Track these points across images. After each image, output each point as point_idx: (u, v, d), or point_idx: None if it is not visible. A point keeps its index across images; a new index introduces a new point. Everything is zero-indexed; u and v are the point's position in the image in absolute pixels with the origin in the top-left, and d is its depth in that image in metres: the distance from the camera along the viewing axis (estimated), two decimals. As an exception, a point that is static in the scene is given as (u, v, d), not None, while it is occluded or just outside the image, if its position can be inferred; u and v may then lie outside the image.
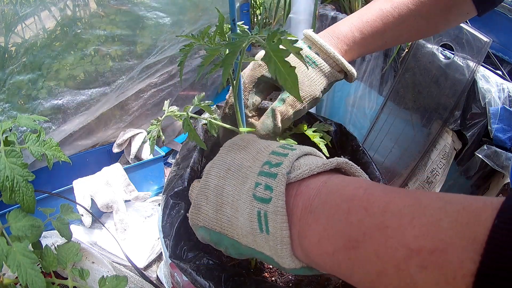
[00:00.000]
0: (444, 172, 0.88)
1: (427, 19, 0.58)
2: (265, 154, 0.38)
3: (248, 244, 0.37)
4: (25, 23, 0.95)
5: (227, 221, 0.38)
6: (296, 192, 0.35)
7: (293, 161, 0.36)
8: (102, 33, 0.97)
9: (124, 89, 1.05)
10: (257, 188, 0.35)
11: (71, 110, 0.98)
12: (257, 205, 0.35)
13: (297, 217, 0.34)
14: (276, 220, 0.33)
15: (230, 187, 0.38)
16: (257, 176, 0.36)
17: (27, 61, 0.91)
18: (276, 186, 0.34)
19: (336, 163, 0.36)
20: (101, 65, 0.99)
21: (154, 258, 0.90)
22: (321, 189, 0.33)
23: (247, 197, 0.36)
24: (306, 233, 0.33)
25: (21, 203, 0.45)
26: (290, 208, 0.34)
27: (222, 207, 0.39)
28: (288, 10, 1.11)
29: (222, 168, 0.40)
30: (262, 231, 0.35)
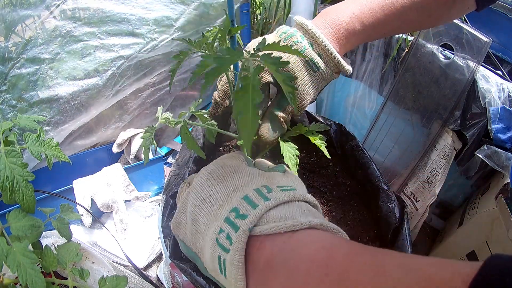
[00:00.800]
0: (444, 172, 0.88)
1: (430, 11, 0.56)
2: (238, 196, 0.37)
3: (213, 275, 0.38)
4: (25, 23, 0.96)
5: (200, 248, 0.39)
6: (259, 246, 0.34)
7: (262, 215, 0.35)
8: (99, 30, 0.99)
9: (121, 85, 1.05)
10: (220, 234, 0.35)
11: (66, 101, 0.99)
12: (218, 250, 0.35)
13: (259, 270, 0.33)
14: (231, 271, 0.34)
15: (203, 219, 0.38)
16: (223, 222, 0.36)
17: (27, 57, 0.93)
18: (235, 241, 0.34)
19: (308, 226, 0.34)
20: (96, 60, 1.00)
21: (154, 258, 0.90)
22: (285, 246, 0.33)
23: (212, 239, 0.36)
24: None
25: (21, 203, 0.45)
26: (252, 260, 0.34)
27: (196, 234, 0.39)
28: (288, 10, 1.11)
29: (199, 198, 0.39)
30: (222, 273, 0.35)
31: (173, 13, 1.04)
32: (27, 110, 0.95)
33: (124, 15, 1.00)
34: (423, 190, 0.93)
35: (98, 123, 1.12)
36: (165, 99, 1.21)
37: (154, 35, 1.03)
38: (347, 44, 0.56)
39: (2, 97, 0.92)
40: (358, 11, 0.55)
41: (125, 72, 1.03)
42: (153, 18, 1.02)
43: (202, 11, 1.11)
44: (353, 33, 0.55)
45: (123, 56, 1.01)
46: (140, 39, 1.02)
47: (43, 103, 0.96)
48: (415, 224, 0.94)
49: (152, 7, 1.02)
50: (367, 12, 0.55)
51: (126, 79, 1.05)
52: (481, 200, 0.85)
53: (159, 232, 0.54)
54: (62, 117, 1.00)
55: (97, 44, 0.99)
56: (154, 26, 1.03)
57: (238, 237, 0.34)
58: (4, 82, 0.92)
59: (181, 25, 1.06)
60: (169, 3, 1.04)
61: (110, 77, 1.02)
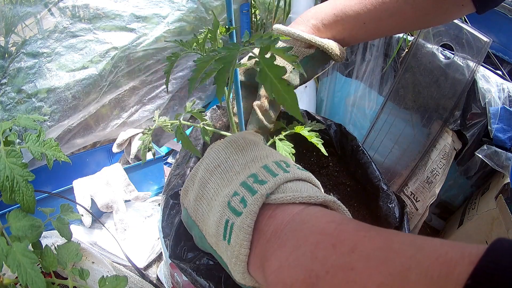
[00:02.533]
0: (444, 172, 0.88)
1: (413, 5, 0.55)
2: (257, 165, 0.37)
3: (211, 244, 0.37)
4: (25, 23, 0.97)
5: (201, 214, 0.38)
6: (271, 214, 0.34)
7: (280, 184, 0.35)
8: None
9: (114, 76, 1.07)
10: (234, 197, 0.35)
11: (63, 91, 1.01)
12: (228, 213, 0.34)
13: (266, 239, 0.33)
14: (238, 235, 0.33)
15: (213, 185, 0.38)
16: (239, 186, 0.35)
17: (26, 52, 0.97)
18: (251, 204, 0.33)
19: (322, 200, 0.34)
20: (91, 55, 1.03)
21: (154, 258, 0.90)
22: (296, 216, 0.32)
23: (223, 202, 0.35)
24: (270, 257, 0.31)
25: (21, 203, 0.45)
26: (261, 228, 0.33)
27: (201, 199, 0.38)
28: (288, 10, 1.11)
29: (213, 163, 0.39)
30: (225, 239, 0.34)
31: (162, 11, 1.11)
32: (26, 101, 0.96)
33: (117, 11, 1.06)
34: (423, 190, 0.93)
35: (97, 120, 1.12)
36: (162, 97, 1.22)
37: (145, 31, 1.09)
38: (322, 28, 0.57)
39: (2, 90, 0.95)
40: (333, 3, 0.57)
41: (118, 63, 1.07)
42: (144, 15, 1.09)
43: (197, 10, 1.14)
44: (325, 17, 0.57)
45: (116, 47, 1.06)
46: (132, 34, 1.08)
47: (41, 93, 0.99)
48: (415, 224, 0.95)
49: (142, 5, 1.09)
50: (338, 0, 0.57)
51: (120, 71, 1.08)
52: (481, 200, 0.85)
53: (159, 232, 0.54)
54: (59, 106, 1.01)
55: (92, 38, 1.04)
56: (145, 23, 1.09)
57: (254, 200, 0.33)
58: (4, 75, 0.95)
59: (172, 21, 1.12)
60: (159, 2, 1.11)
61: (104, 68, 1.05)
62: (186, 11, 1.14)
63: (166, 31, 1.11)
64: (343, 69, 1.09)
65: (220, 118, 0.70)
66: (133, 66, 1.10)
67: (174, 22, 1.12)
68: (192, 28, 1.16)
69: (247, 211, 0.33)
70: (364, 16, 0.56)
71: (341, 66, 1.09)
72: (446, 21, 0.62)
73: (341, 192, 0.64)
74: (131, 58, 1.09)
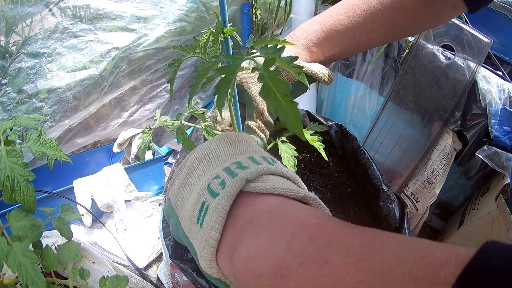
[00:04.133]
0: (444, 173, 0.88)
1: (403, 12, 0.53)
2: (244, 156, 0.37)
3: (185, 229, 0.36)
4: (25, 23, 0.98)
5: (181, 200, 0.38)
6: (249, 202, 0.33)
7: (262, 173, 0.34)
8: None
9: (115, 77, 1.07)
10: (214, 180, 0.34)
11: (63, 91, 1.01)
12: (205, 195, 0.34)
13: (240, 227, 0.31)
14: (212, 217, 0.32)
15: (198, 171, 0.37)
16: (222, 170, 0.35)
17: (26, 52, 0.97)
18: (228, 186, 0.32)
19: (302, 195, 0.33)
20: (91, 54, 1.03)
21: (154, 258, 0.90)
22: (275, 207, 0.31)
23: (203, 185, 0.35)
24: (241, 245, 0.30)
25: (22, 203, 0.45)
26: (237, 214, 0.32)
27: (184, 186, 0.38)
28: (289, 11, 1.11)
29: (203, 152, 0.39)
30: (198, 222, 0.33)
31: (163, 11, 1.11)
32: (26, 101, 0.96)
33: (118, 12, 1.06)
34: (423, 190, 0.93)
35: (97, 120, 1.12)
36: (163, 96, 1.23)
37: (146, 31, 1.09)
38: (312, 47, 0.56)
39: (3, 90, 0.95)
40: (319, 16, 0.57)
41: (119, 63, 1.07)
42: (145, 15, 1.09)
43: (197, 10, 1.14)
44: (314, 36, 0.56)
45: (117, 48, 1.06)
46: (133, 34, 1.08)
47: (42, 94, 0.99)
48: (415, 224, 0.94)
49: (143, 6, 1.09)
50: (328, 15, 0.56)
51: (121, 71, 1.09)
52: (481, 200, 0.85)
53: (159, 232, 0.54)
54: (60, 107, 1.02)
55: (93, 38, 1.04)
56: (145, 23, 1.09)
57: (233, 182, 0.32)
58: (5, 76, 0.95)
59: (172, 22, 1.12)
60: (159, 2, 1.11)
61: (105, 68, 1.05)
62: (187, 11, 1.14)
63: (166, 31, 1.11)
64: (343, 69, 1.09)
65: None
66: (134, 66, 1.11)
67: (174, 22, 1.13)
68: (192, 28, 1.16)
69: (224, 192, 0.32)
70: (354, 29, 0.55)
71: (341, 66, 1.09)
72: (438, 24, 0.61)
73: (341, 192, 0.64)
74: (132, 58, 1.09)
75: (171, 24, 1.12)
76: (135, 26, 1.08)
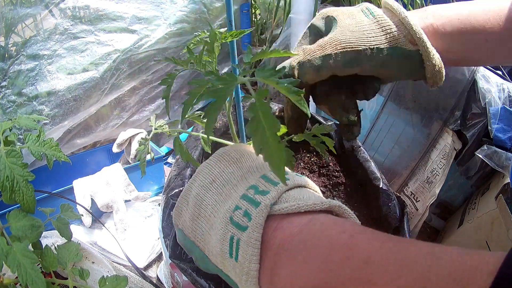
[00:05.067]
0: (444, 172, 0.88)
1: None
2: (255, 176, 0.35)
3: (216, 263, 0.35)
4: (25, 23, 0.97)
5: (201, 234, 0.36)
6: (277, 226, 0.32)
7: (282, 193, 0.33)
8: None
9: (116, 79, 1.07)
10: (236, 211, 0.33)
11: (64, 94, 1.01)
12: (231, 229, 0.33)
13: (273, 252, 0.31)
14: (247, 251, 0.31)
15: (211, 201, 0.36)
16: (240, 199, 0.33)
17: (26, 54, 0.96)
18: (256, 216, 0.32)
19: (328, 205, 0.33)
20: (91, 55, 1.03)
21: (154, 258, 0.90)
22: (304, 228, 0.31)
23: (224, 218, 0.33)
24: (279, 271, 0.30)
25: (21, 203, 0.45)
26: (267, 240, 0.32)
27: (198, 219, 0.36)
28: (288, 10, 1.11)
29: (208, 178, 0.37)
30: (232, 257, 0.32)
31: (164, 12, 1.11)
32: (26, 104, 0.96)
33: (119, 13, 1.05)
34: (423, 190, 0.93)
35: (97, 120, 1.12)
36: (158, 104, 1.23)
37: (147, 32, 1.09)
38: (446, 37, 0.46)
39: (2, 93, 0.94)
40: (456, 7, 0.46)
41: (120, 65, 1.07)
42: (146, 16, 1.09)
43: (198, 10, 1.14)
44: (451, 24, 0.45)
45: (118, 50, 1.05)
46: (134, 35, 1.07)
47: (42, 97, 0.98)
48: (415, 224, 0.94)
49: (143, 6, 1.09)
50: (464, 6, 0.46)
51: (122, 73, 1.08)
52: (481, 200, 0.85)
53: (159, 232, 0.54)
54: (60, 110, 1.01)
55: (94, 40, 1.03)
56: (146, 24, 1.09)
57: (259, 212, 0.32)
58: (4, 78, 0.95)
59: (174, 22, 1.12)
60: (160, 3, 1.11)
61: (106, 70, 1.05)
62: (188, 12, 1.14)
63: (167, 32, 1.11)
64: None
65: (220, 118, 0.70)
66: (135, 68, 1.10)
67: (176, 23, 1.12)
68: (193, 29, 1.16)
69: (252, 224, 0.31)
70: (488, 32, 0.45)
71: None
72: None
73: (341, 192, 0.64)
74: (133, 60, 1.08)
75: (172, 25, 1.11)
76: (136, 27, 1.07)
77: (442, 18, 0.46)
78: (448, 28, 0.45)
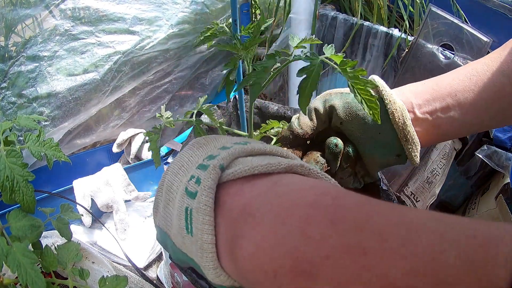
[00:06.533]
0: (444, 172, 0.88)
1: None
2: (216, 148, 0.32)
3: (180, 247, 0.31)
4: (25, 23, 0.97)
5: (169, 219, 0.33)
6: (236, 191, 0.28)
7: (236, 156, 0.30)
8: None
9: (118, 81, 1.07)
10: (190, 181, 0.30)
11: (64, 96, 1.01)
12: (186, 200, 0.29)
13: (232, 220, 0.26)
14: (197, 219, 0.27)
15: (177, 183, 0.33)
16: (195, 169, 0.30)
17: (26, 55, 0.96)
18: (204, 179, 0.28)
19: (286, 165, 0.28)
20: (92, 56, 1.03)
21: (154, 258, 0.90)
22: (271, 188, 0.26)
23: (182, 190, 0.30)
24: (241, 241, 0.25)
25: (21, 203, 0.45)
26: (225, 208, 0.28)
27: (168, 204, 0.33)
28: (288, 10, 1.11)
29: (177, 165, 0.35)
30: (188, 232, 0.28)
31: (165, 13, 1.10)
32: (27, 106, 0.96)
33: (120, 14, 1.05)
34: (423, 190, 0.93)
35: (97, 121, 1.12)
36: (163, 97, 1.22)
37: (149, 33, 1.08)
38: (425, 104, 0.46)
39: (2, 94, 0.94)
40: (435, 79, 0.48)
41: (121, 67, 1.06)
42: (147, 17, 1.08)
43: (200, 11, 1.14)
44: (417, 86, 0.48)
45: (119, 52, 1.04)
46: (135, 37, 1.06)
47: (42, 98, 0.98)
48: (415, 224, 0.94)
49: (145, 7, 1.08)
50: (430, 79, 0.48)
51: (123, 75, 1.08)
52: (481, 200, 0.85)
53: (159, 232, 0.54)
54: (60, 112, 1.01)
55: (94, 41, 1.02)
56: (148, 25, 1.08)
57: (207, 174, 0.28)
58: (4, 79, 0.95)
59: (175, 24, 1.12)
60: (162, 4, 1.10)
61: (107, 72, 1.04)
62: (189, 13, 1.13)
63: (169, 33, 1.10)
64: (343, 69, 1.09)
65: (220, 117, 0.70)
66: (137, 70, 1.09)
67: (177, 24, 1.11)
68: (194, 30, 1.16)
69: (201, 188, 0.28)
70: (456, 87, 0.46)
71: (341, 66, 1.09)
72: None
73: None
74: (135, 61, 1.08)
75: (174, 26, 1.11)
76: (138, 28, 1.07)
77: (405, 87, 0.48)
78: (413, 88, 0.48)
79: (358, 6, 1.02)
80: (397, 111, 0.45)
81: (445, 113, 0.45)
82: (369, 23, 1.00)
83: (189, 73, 1.24)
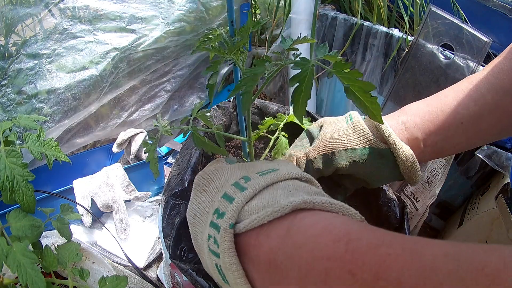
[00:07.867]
0: (444, 172, 0.88)
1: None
2: (219, 196, 0.34)
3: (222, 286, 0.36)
4: (25, 23, 0.98)
5: (208, 268, 0.37)
6: (254, 242, 0.30)
7: (240, 207, 0.31)
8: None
9: (115, 77, 1.08)
10: (209, 240, 0.33)
11: (63, 92, 1.02)
12: (213, 258, 0.32)
13: (263, 270, 0.29)
14: (229, 276, 0.31)
15: (199, 235, 0.36)
16: (209, 227, 0.33)
17: (26, 53, 0.97)
18: (220, 242, 0.31)
19: (290, 208, 0.29)
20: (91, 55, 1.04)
21: (154, 258, 0.90)
22: (285, 240, 0.28)
23: (206, 248, 0.33)
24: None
25: (21, 203, 0.45)
26: (251, 259, 0.30)
27: (199, 253, 0.38)
28: (288, 10, 1.11)
29: (191, 215, 0.38)
30: (226, 282, 0.32)
31: (162, 11, 1.12)
32: (26, 102, 0.96)
33: (117, 13, 1.06)
34: (423, 190, 0.93)
35: (97, 120, 1.12)
36: (162, 96, 1.23)
37: (145, 32, 1.09)
38: (419, 129, 0.48)
39: (2, 91, 0.95)
40: (426, 99, 0.50)
41: (119, 63, 1.07)
42: (144, 16, 1.09)
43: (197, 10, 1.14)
44: (423, 115, 0.49)
45: (116, 48, 1.06)
46: (132, 35, 1.08)
47: (42, 95, 0.99)
48: (415, 224, 0.94)
49: (142, 6, 1.10)
50: (434, 97, 0.50)
51: (121, 72, 1.09)
52: (481, 200, 0.85)
53: (159, 232, 0.54)
54: (59, 108, 1.02)
55: (93, 39, 1.04)
56: (145, 24, 1.09)
57: (221, 238, 0.31)
58: (4, 77, 0.96)
59: (172, 22, 1.13)
60: (158, 3, 1.11)
61: (105, 68, 1.05)
62: (186, 11, 1.14)
63: (166, 32, 1.12)
64: (343, 69, 1.09)
65: (220, 118, 0.70)
66: (134, 66, 1.11)
67: (174, 22, 1.13)
68: (192, 28, 1.16)
69: (221, 250, 0.31)
70: (462, 114, 0.47)
71: (341, 66, 1.09)
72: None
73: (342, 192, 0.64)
74: (132, 58, 1.09)
75: (170, 24, 1.12)
76: (135, 27, 1.08)
77: (412, 112, 0.49)
78: (418, 120, 0.48)
79: (358, 6, 1.02)
80: (407, 160, 0.46)
81: (449, 141, 0.48)
82: (369, 23, 1.00)
83: (188, 72, 1.24)
